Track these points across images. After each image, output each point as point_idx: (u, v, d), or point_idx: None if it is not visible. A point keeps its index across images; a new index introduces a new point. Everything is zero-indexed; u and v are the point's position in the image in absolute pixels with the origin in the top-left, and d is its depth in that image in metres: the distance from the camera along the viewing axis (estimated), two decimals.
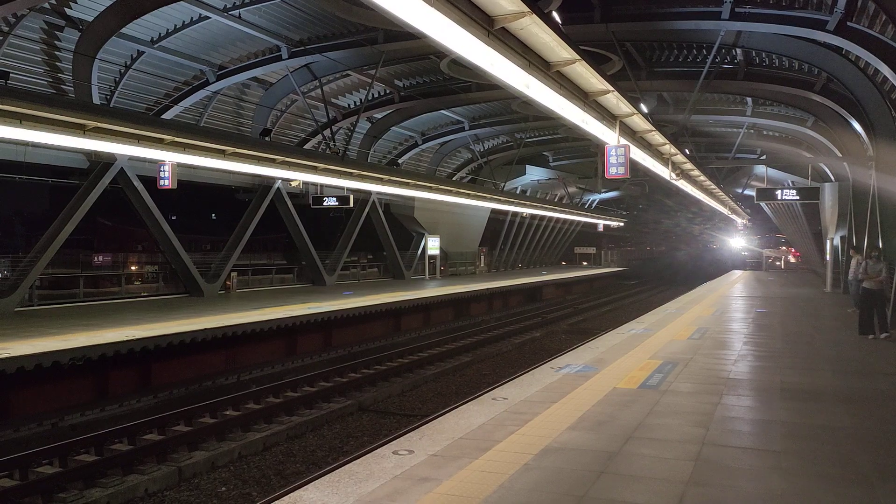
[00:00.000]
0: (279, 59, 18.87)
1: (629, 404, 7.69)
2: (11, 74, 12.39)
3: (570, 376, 9.29)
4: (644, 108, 16.39)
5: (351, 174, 19.32)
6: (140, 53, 17.80)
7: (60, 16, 15.55)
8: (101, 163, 18.55)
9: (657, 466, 5.61)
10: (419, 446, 6.05)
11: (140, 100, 19.28)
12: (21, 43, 15.66)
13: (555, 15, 12.68)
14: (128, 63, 18.01)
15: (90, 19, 15.64)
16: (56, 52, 16.43)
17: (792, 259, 68.95)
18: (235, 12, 16.31)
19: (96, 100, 17.04)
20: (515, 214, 41.16)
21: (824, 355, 11.46)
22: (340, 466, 5.57)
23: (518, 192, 38.76)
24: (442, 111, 26.57)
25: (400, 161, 29.93)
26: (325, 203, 25.43)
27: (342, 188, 23.91)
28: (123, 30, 16.12)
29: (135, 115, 15.28)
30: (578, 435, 6.46)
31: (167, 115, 19.60)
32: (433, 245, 34.22)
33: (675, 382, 8.94)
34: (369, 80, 20.74)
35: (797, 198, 25.90)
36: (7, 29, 15.14)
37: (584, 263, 62.64)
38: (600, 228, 53.92)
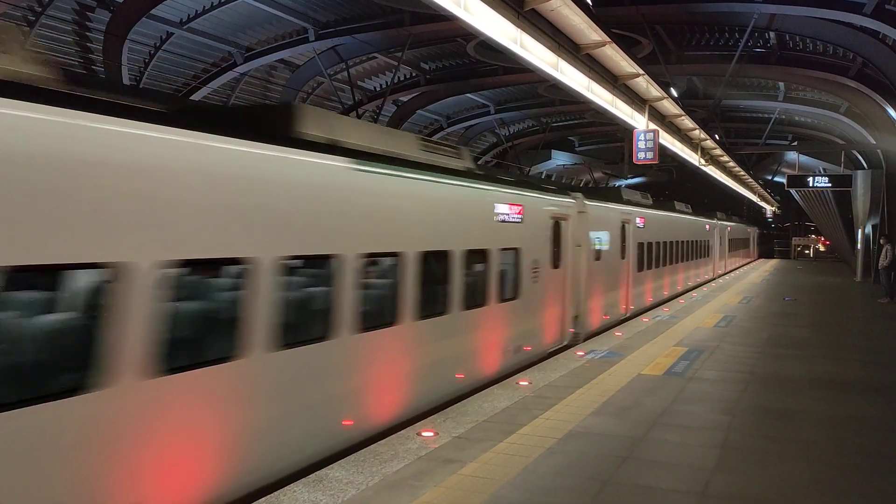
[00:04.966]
0: (306, 41, 18.87)
1: (654, 391, 7.66)
2: (44, 55, 12.54)
3: (595, 362, 9.26)
4: (674, 92, 16.14)
5: None
6: (169, 35, 17.90)
7: None
8: None
9: (682, 453, 5.58)
10: (443, 428, 6.08)
11: (169, 81, 19.42)
12: (53, 23, 15.83)
13: None
14: (157, 44, 18.13)
15: (121, 0, 15.77)
16: (87, 33, 16.59)
17: (821, 247, 67.86)
18: None
19: (126, 81, 17.19)
20: None
21: (853, 345, 11.30)
22: (366, 446, 5.62)
23: (543, 176, 38.54)
24: (468, 95, 26.42)
25: None
26: None
27: None
28: (153, 11, 16.21)
29: (164, 97, 15.41)
30: (603, 420, 6.45)
31: (196, 97, 19.74)
32: None
33: (700, 370, 8.88)
34: (395, 63, 20.68)
35: (829, 185, 25.41)
36: (40, 9, 15.32)
37: None
38: None
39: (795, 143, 32.43)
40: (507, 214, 9.00)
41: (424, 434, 5.87)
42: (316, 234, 5.73)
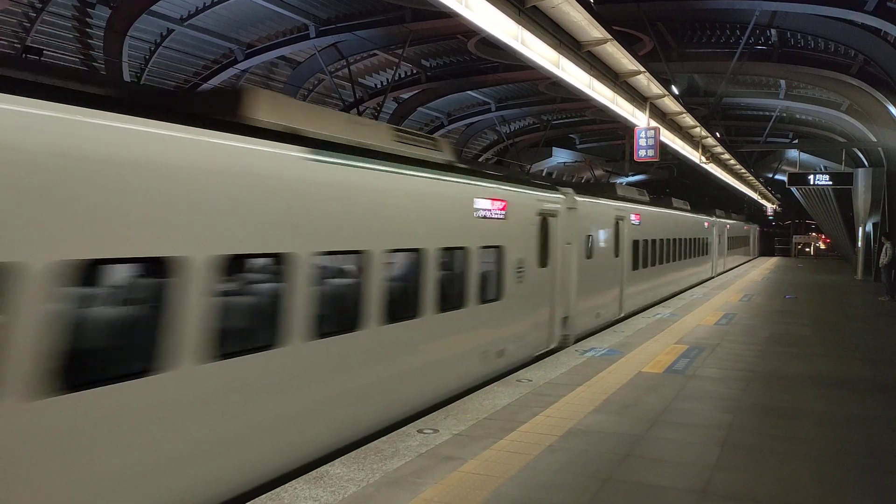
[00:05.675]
0: (307, 37, 18.83)
1: (655, 388, 7.65)
2: (45, 51, 12.51)
3: (595, 359, 9.26)
4: (675, 89, 16.13)
5: None
6: (170, 31, 17.86)
7: None
8: None
9: (683, 451, 5.58)
10: (444, 425, 6.08)
11: (170, 77, 19.40)
12: (54, 20, 15.80)
13: None
14: (158, 40, 18.10)
15: None
16: (87, 30, 16.56)
17: (822, 245, 67.86)
18: None
19: (127, 77, 17.17)
20: None
21: (854, 343, 11.29)
22: (366, 443, 5.62)
23: (544, 174, 38.49)
24: (468, 92, 26.39)
25: None
26: None
27: None
28: (154, 7, 16.17)
29: (164, 93, 15.37)
30: (604, 418, 6.45)
31: None
32: None
33: (701, 367, 8.87)
34: (396, 60, 20.65)
35: (830, 183, 25.38)
36: (40, 5, 15.28)
37: None
38: None
39: (796, 141, 32.40)
40: None
41: (425, 431, 5.86)
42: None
